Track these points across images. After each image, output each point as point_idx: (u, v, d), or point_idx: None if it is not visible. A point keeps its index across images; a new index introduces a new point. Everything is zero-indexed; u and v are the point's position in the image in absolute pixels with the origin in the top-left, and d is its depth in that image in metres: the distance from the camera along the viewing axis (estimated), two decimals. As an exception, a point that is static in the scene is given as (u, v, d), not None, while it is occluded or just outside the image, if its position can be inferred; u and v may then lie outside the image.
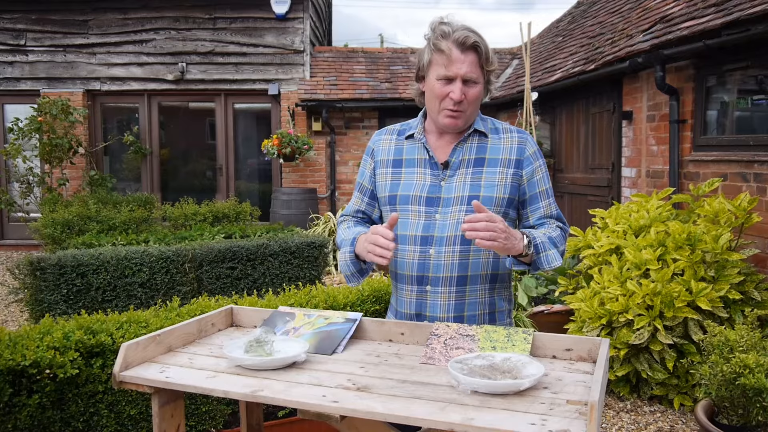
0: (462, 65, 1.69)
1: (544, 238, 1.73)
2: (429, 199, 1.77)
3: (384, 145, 1.89)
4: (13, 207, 8.64)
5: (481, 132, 1.81)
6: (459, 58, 1.69)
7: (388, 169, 1.85)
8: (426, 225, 1.77)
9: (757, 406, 2.58)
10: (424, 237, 1.77)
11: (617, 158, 5.96)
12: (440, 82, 1.72)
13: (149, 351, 1.60)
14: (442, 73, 1.70)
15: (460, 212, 1.74)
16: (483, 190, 1.75)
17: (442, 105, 1.73)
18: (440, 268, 1.76)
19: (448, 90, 1.71)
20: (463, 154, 1.79)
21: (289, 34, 9.55)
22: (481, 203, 1.71)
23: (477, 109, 1.79)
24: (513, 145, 1.80)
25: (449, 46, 1.69)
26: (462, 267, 1.76)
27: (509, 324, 1.88)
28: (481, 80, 1.74)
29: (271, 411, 2.87)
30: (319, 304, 3.10)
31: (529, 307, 4.54)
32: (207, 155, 10.02)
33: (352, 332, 1.71)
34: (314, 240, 5.21)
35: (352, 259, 1.77)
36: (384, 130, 1.92)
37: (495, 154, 1.79)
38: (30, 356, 2.34)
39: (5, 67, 9.44)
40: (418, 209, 1.78)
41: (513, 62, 10.31)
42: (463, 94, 1.70)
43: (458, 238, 1.74)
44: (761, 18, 3.74)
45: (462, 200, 1.75)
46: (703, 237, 3.48)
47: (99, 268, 4.57)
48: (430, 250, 1.76)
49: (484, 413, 1.24)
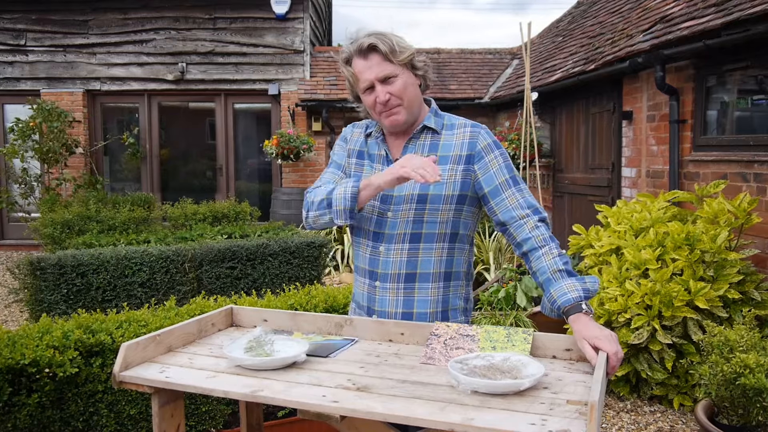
0: (370, 70, 1.73)
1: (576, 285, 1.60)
2: (383, 196, 1.78)
3: (354, 136, 1.93)
4: (14, 207, 8.65)
5: (432, 129, 1.81)
6: (365, 65, 1.74)
7: (353, 159, 1.90)
8: (378, 221, 1.79)
9: (757, 406, 2.58)
10: (376, 233, 1.79)
11: (617, 158, 5.96)
12: (366, 94, 1.77)
13: (149, 351, 1.60)
14: (362, 86, 1.76)
15: (410, 210, 1.75)
16: (432, 188, 1.74)
17: (377, 111, 1.77)
18: (389, 264, 1.78)
19: (374, 96, 1.75)
20: (415, 151, 1.80)
21: (289, 34, 9.55)
22: (430, 201, 1.73)
23: (415, 98, 1.78)
24: (464, 140, 1.78)
25: (354, 61, 1.76)
26: (410, 264, 1.77)
27: (464, 322, 1.86)
28: (399, 71, 1.73)
29: (271, 411, 2.87)
30: (319, 304, 3.09)
31: (529, 307, 4.54)
32: (207, 155, 10.02)
33: (349, 348, 1.70)
34: (314, 240, 5.21)
35: (353, 193, 1.70)
36: (354, 125, 1.97)
37: (446, 151, 1.78)
38: (29, 355, 2.34)
39: (5, 67, 9.44)
40: (372, 205, 1.79)
41: (513, 62, 10.31)
42: (387, 93, 1.73)
43: (407, 236, 1.76)
44: (761, 18, 3.74)
45: (412, 198, 1.75)
46: (702, 237, 3.48)
47: (99, 268, 4.57)
48: (380, 247, 1.79)
49: (484, 413, 1.24)
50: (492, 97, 9.22)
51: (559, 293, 1.60)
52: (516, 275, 5.06)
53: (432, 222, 1.75)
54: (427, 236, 1.76)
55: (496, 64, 10.35)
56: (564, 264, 1.64)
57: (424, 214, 1.75)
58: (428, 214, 1.75)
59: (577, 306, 1.57)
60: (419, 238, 1.76)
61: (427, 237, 1.76)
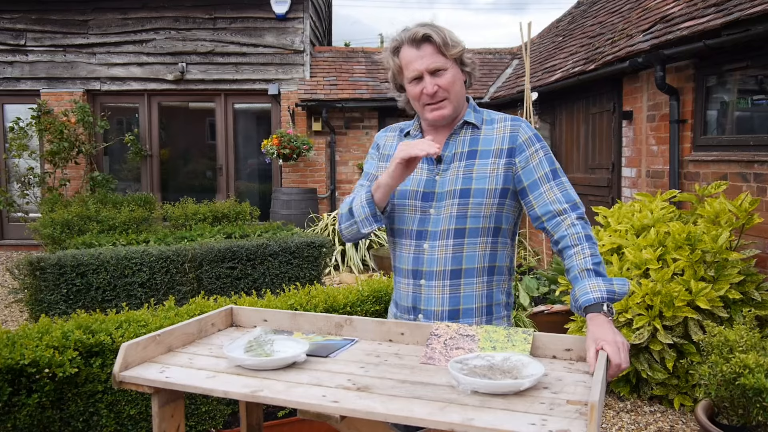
0: (421, 60, 1.72)
1: (600, 285, 1.58)
2: (425, 194, 1.77)
3: (388, 141, 1.92)
4: (13, 207, 8.65)
5: (473, 124, 1.81)
6: (416, 54, 1.73)
7: (388, 163, 1.86)
8: (421, 219, 1.78)
9: (757, 406, 2.58)
10: (419, 231, 1.78)
11: (617, 158, 5.96)
12: (412, 84, 1.76)
13: (149, 351, 1.60)
14: (410, 75, 1.75)
15: (453, 206, 1.74)
16: (474, 182, 1.74)
17: (422, 103, 1.77)
18: (434, 262, 1.76)
19: (420, 87, 1.74)
20: (456, 147, 1.79)
21: (289, 34, 9.55)
22: (474, 195, 1.72)
23: (460, 94, 1.78)
24: (505, 134, 1.78)
25: (404, 50, 1.75)
26: (456, 260, 1.75)
27: (507, 317, 1.87)
28: (449, 65, 1.73)
29: (271, 411, 2.86)
30: (319, 304, 3.09)
31: (530, 307, 4.54)
32: (207, 155, 10.02)
33: (349, 348, 1.70)
34: (314, 240, 5.21)
35: (369, 199, 1.73)
36: (388, 128, 1.97)
37: (487, 146, 1.78)
38: (29, 355, 2.34)
39: (5, 67, 9.44)
40: (414, 204, 1.79)
41: (513, 62, 10.31)
42: (436, 85, 1.72)
43: (451, 232, 1.74)
44: (761, 18, 3.73)
45: (454, 194, 1.75)
46: (703, 237, 3.48)
47: (99, 268, 4.56)
48: (424, 245, 1.77)
49: (484, 413, 1.24)
50: (492, 97, 9.22)
51: (581, 292, 1.59)
52: (516, 275, 5.06)
53: (475, 217, 1.74)
54: (471, 231, 1.75)
55: (496, 64, 10.35)
56: (594, 264, 1.62)
57: (468, 208, 1.74)
58: (472, 209, 1.74)
59: (596, 306, 1.56)
60: (463, 234, 1.75)
61: (471, 232, 1.75)
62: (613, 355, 1.45)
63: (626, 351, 1.47)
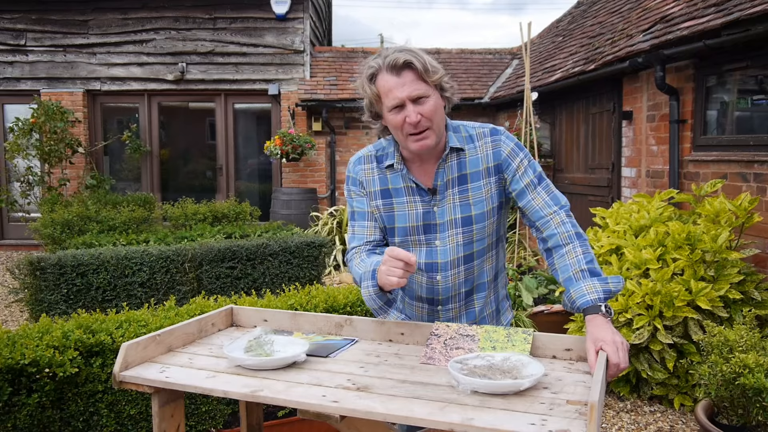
0: (403, 88, 1.63)
1: (596, 285, 1.60)
2: (426, 226, 1.76)
3: (368, 175, 1.82)
4: (14, 206, 8.66)
5: (458, 148, 1.75)
6: (397, 82, 1.63)
7: (379, 201, 1.80)
8: (428, 252, 1.77)
9: (756, 406, 2.58)
10: (429, 264, 1.78)
11: (617, 158, 5.96)
12: (392, 112, 1.66)
13: (149, 351, 1.60)
14: (390, 104, 1.65)
15: (457, 235, 1.75)
16: (474, 209, 1.74)
17: (405, 132, 1.67)
18: (448, 290, 1.80)
19: (403, 116, 1.64)
20: (446, 174, 1.75)
21: (289, 34, 9.55)
22: (476, 221, 1.73)
23: (442, 121, 1.72)
24: (488, 152, 1.75)
25: (384, 77, 1.65)
26: (468, 282, 1.80)
27: (509, 307, 1.97)
28: (431, 92, 1.66)
29: (271, 411, 2.86)
30: (319, 304, 3.09)
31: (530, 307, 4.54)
32: (207, 155, 10.02)
33: (349, 348, 1.70)
34: (314, 240, 5.21)
35: (377, 293, 1.67)
36: (360, 159, 1.85)
37: (475, 167, 1.75)
38: (29, 355, 2.34)
39: (5, 67, 9.44)
40: (417, 238, 1.78)
41: (513, 62, 10.31)
42: (419, 114, 1.63)
43: (461, 260, 1.77)
44: (761, 18, 3.73)
45: (456, 223, 1.75)
46: (703, 237, 3.48)
47: (99, 268, 4.57)
48: (437, 277, 1.78)
49: (484, 413, 1.24)
50: (492, 97, 9.22)
51: (578, 294, 1.60)
52: (516, 275, 5.06)
53: (481, 239, 1.77)
54: (478, 253, 1.79)
55: (496, 64, 10.35)
56: (588, 263, 1.63)
57: (473, 234, 1.75)
58: (476, 234, 1.76)
59: (595, 307, 1.57)
60: (472, 258, 1.77)
61: (479, 253, 1.79)
62: (612, 355, 1.45)
63: (625, 351, 1.48)
